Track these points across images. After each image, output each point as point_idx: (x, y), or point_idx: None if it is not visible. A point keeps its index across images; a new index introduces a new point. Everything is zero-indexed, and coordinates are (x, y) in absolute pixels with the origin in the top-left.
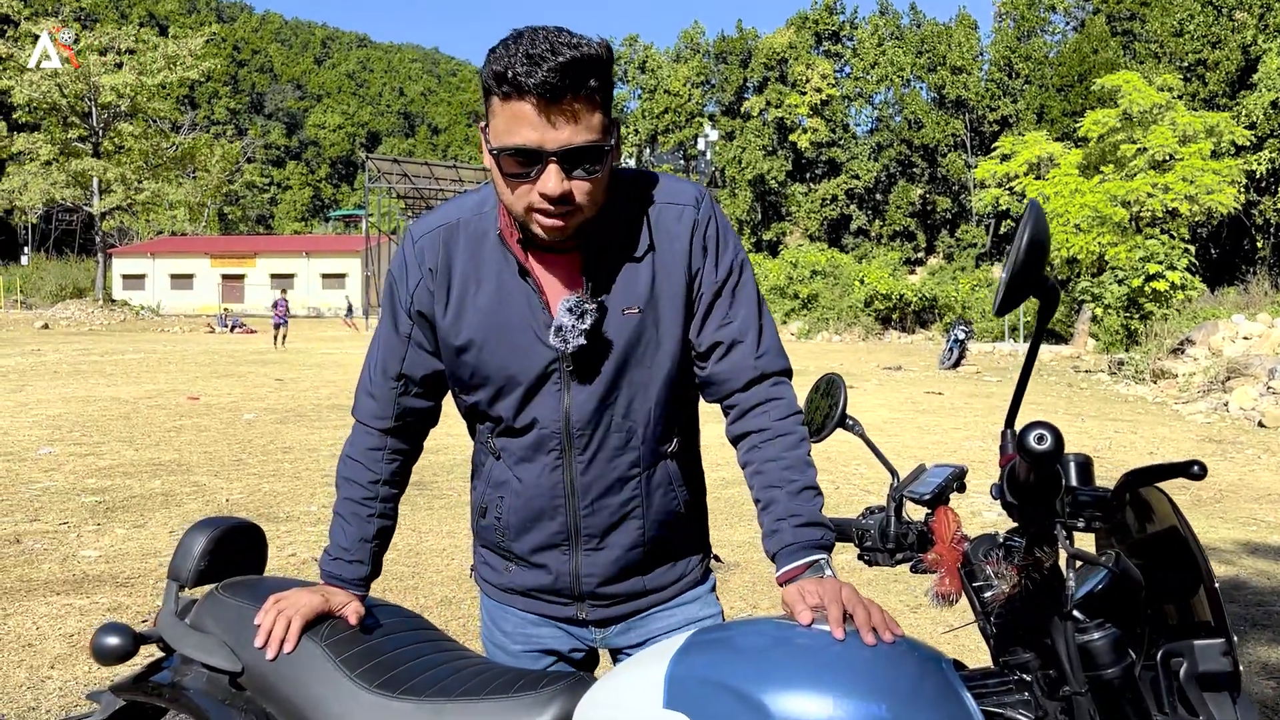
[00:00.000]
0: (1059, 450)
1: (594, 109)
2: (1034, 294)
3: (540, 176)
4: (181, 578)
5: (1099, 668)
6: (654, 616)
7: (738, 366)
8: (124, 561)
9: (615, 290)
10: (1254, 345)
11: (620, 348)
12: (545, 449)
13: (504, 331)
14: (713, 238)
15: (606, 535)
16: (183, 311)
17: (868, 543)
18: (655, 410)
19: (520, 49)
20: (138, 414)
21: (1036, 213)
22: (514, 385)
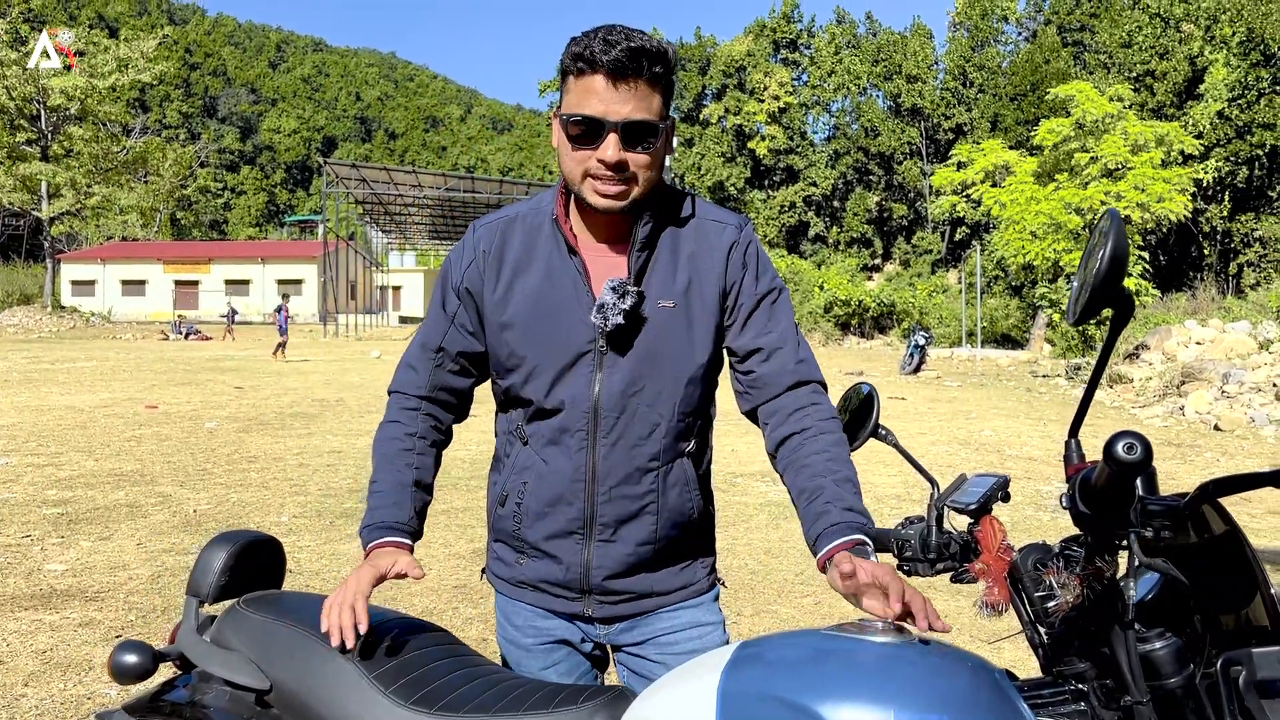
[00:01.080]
0: (1148, 460)
1: (654, 93)
2: (1111, 305)
3: (601, 144)
4: (202, 593)
5: (1161, 677)
6: (659, 615)
7: (780, 370)
8: (92, 575)
9: (654, 283)
10: (1207, 350)
11: (654, 337)
12: (573, 431)
13: (548, 311)
14: (753, 256)
15: (620, 527)
16: (134, 318)
17: (908, 553)
18: (679, 405)
19: (599, 35)
20: (95, 423)
21: (1118, 225)
22: (549, 364)
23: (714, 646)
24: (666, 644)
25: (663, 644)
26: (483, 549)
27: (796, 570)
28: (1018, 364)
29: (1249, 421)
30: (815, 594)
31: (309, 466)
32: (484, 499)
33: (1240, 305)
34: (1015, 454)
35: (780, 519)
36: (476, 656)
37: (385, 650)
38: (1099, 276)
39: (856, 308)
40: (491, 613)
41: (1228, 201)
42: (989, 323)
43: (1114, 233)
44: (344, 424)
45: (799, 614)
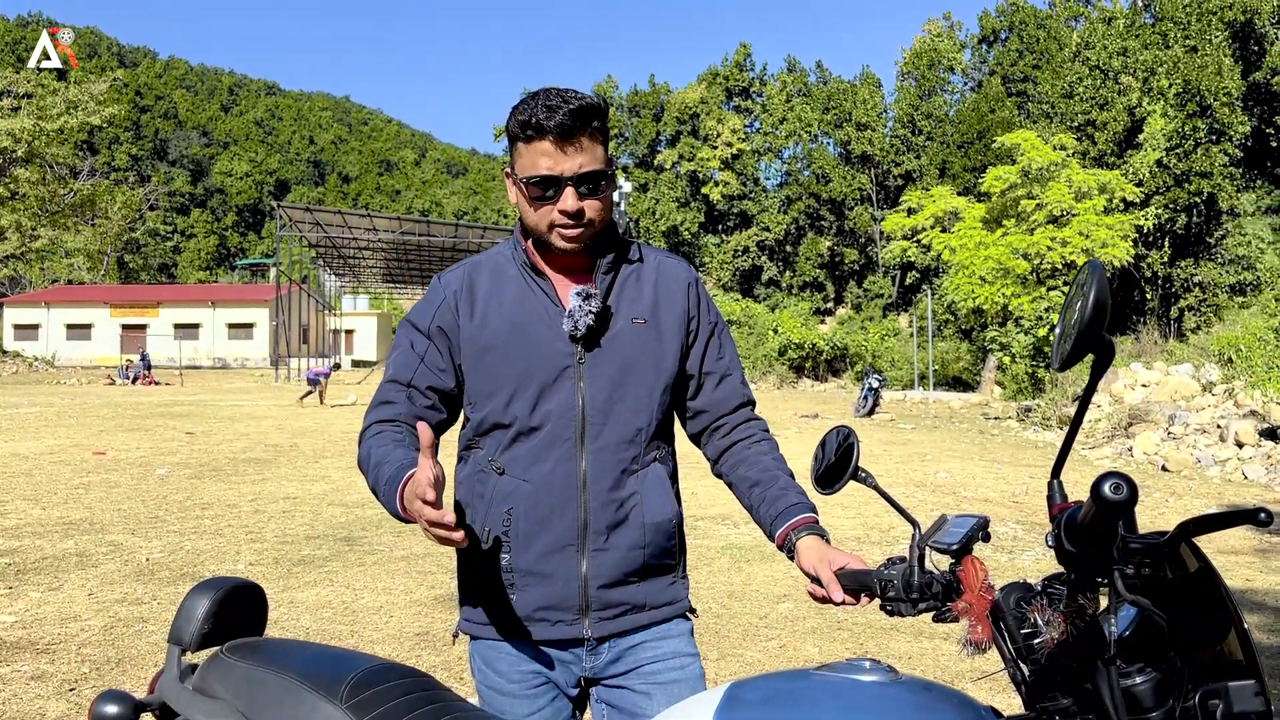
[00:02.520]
0: (1134, 499)
1: (596, 143)
2: (1093, 350)
3: (560, 197)
4: (185, 641)
5: (1143, 711)
6: (643, 647)
7: (731, 392)
8: (42, 627)
9: (624, 303)
10: (1152, 393)
11: (628, 349)
12: (560, 442)
13: (524, 329)
14: (704, 296)
15: (611, 534)
16: (80, 363)
17: (890, 593)
18: (655, 411)
19: (539, 102)
20: (40, 470)
21: (1099, 272)
22: (532, 381)
23: (694, 678)
24: (650, 674)
25: (646, 674)
26: (444, 596)
27: (760, 614)
28: (969, 406)
29: (1195, 462)
30: (780, 637)
31: (264, 513)
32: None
33: (1183, 348)
34: (970, 495)
35: (742, 562)
36: (462, 702)
37: (373, 698)
38: (1082, 323)
39: (810, 351)
40: (455, 661)
41: (1168, 247)
42: (940, 365)
43: (1095, 281)
44: (298, 469)
45: (764, 657)
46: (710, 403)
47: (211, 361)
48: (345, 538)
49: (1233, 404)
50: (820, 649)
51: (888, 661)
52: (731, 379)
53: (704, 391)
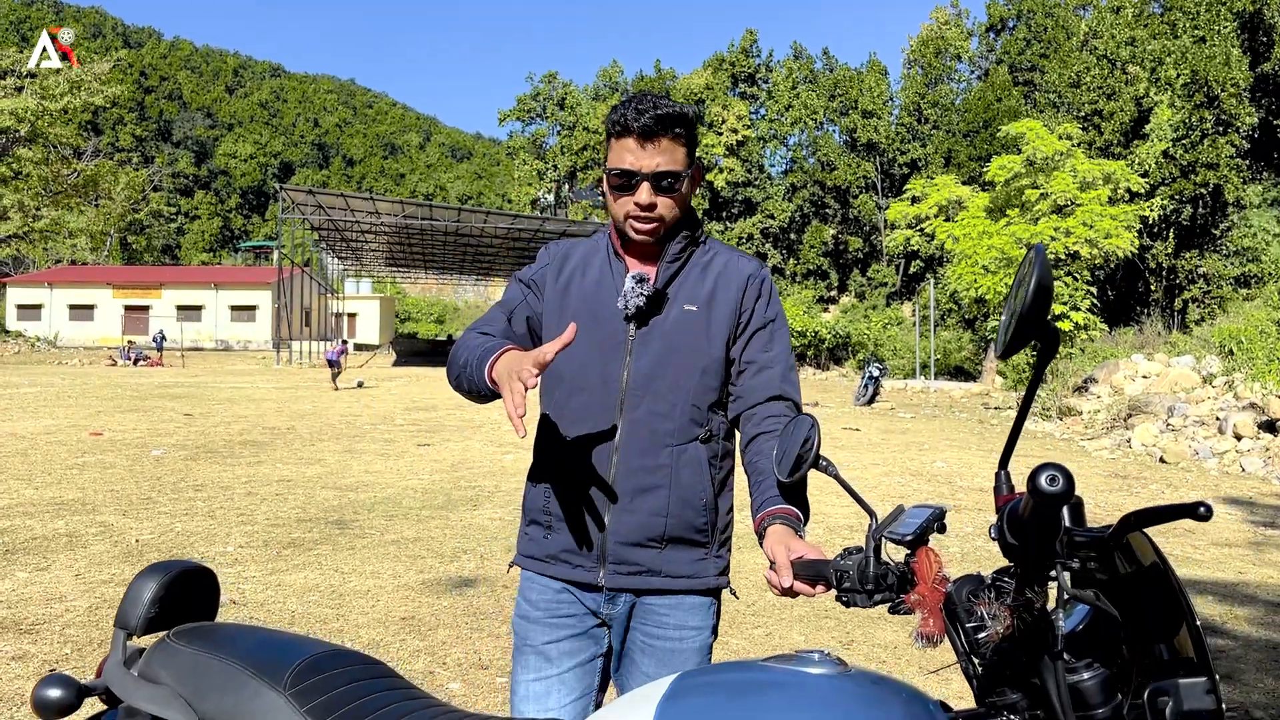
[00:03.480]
0: (1070, 491)
1: (678, 147)
2: (1037, 337)
3: (636, 190)
4: (130, 625)
5: (1089, 708)
6: (654, 610)
7: (766, 384)
8: (27, 607)
9: (682, 292)
10: (1153, 384)
11: (675, 333)
12: (603, 407)
13: (595, 300)
14: (767, 291)
15: (637, 497)
16: (82, 343)
17: (846, 584)
18: (693, 392)
19: (632, 104)
20: (36, 450)
21: (1042, 257)
22: (592, 345)
23: (692, 650)
24: (651, 635)
25: (648, 634)
26: (432, 580)
27: (748, 601)
28: (970, 396)
29: (1193, 455)
30: (766, 625)
31: (257, 495)
32: (435, 530)
33: (1185, 340)
34: (966, 485)
35: (734, 549)
36: (412, 688)
37: (317, 684)
38: (1025, 308)
39: (812, 339)
40: (438, 646)
41: (1172, 238)
42: (942, 355)
43: (1039, 266)
44: (294, 452)
45: (750, 645)
46: (746, 390)
47: (214, 343)
48: (337, 521)
49: (1233, 396)
50: (806, 637)
51: (838, 654)
52: (772, 371)
53: (743, 378)
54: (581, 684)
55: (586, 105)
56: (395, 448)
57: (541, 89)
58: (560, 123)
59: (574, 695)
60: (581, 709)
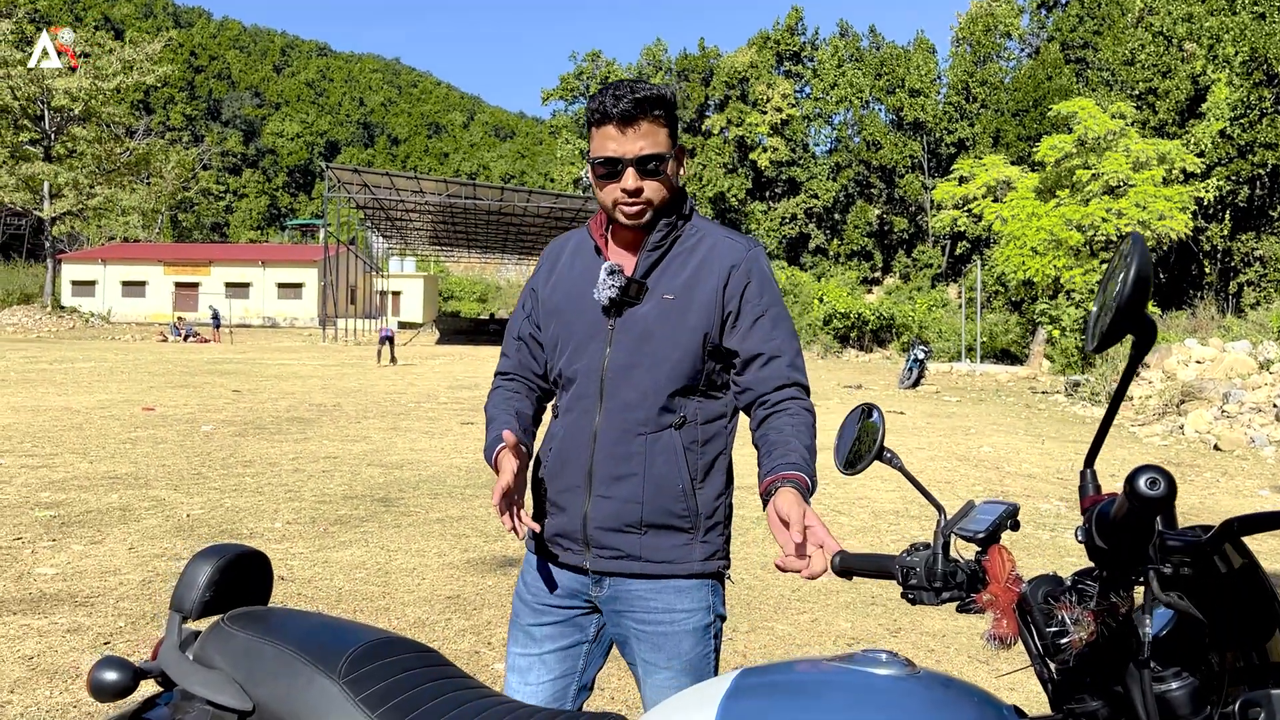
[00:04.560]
0: (1171, 496)
1: (659, 129)
2: (1133, 331)
3: (622, 177)
4: (185, 609)
5: (1177, 718)
6: (639, 594)
7: (775, 374)
8: (82, 580)
9: (662, 280)
10: (1207, 370)
11: (652, 321)
12: (585, 396)
13: (579, 296)
14: (758, 275)
15: (613, 484)
16: (134, 319)
17: (912, 581)
18: (667, 380)
19: (609, 92)
20: (91, 425)
21: (1140, 246)
22: (574, 339)
23: (682, 632)
24: (639, 619)
25: (636, 618)
26: (477, 559)
27: (793, 586)
28: (1017, 380)
29: (1249, 442)
30: (812, 611)
31: (304, 472)
32: (479, 509)
33: (1240, 324)
34: (1014, 471)
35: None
36: (467, 678)
37: (372, 673)
38: (1121, 300)
39: (856, 320)
40: (483, 626)
41: (1228, 220)
42: (988, 338)
43: (1138, 255)
44: (340, 429)
45: (795, 631)
46: (755, 381)
47: (261, 320)
48: (382, 499)
49: None
50: (852, 624)
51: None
52: (779, 360)
53: (750, 370)
54: (561, 666)
55: None
56: (439, 426)
57: (585, 68)
58: None
59: (553, 675)
60: (560, 688)
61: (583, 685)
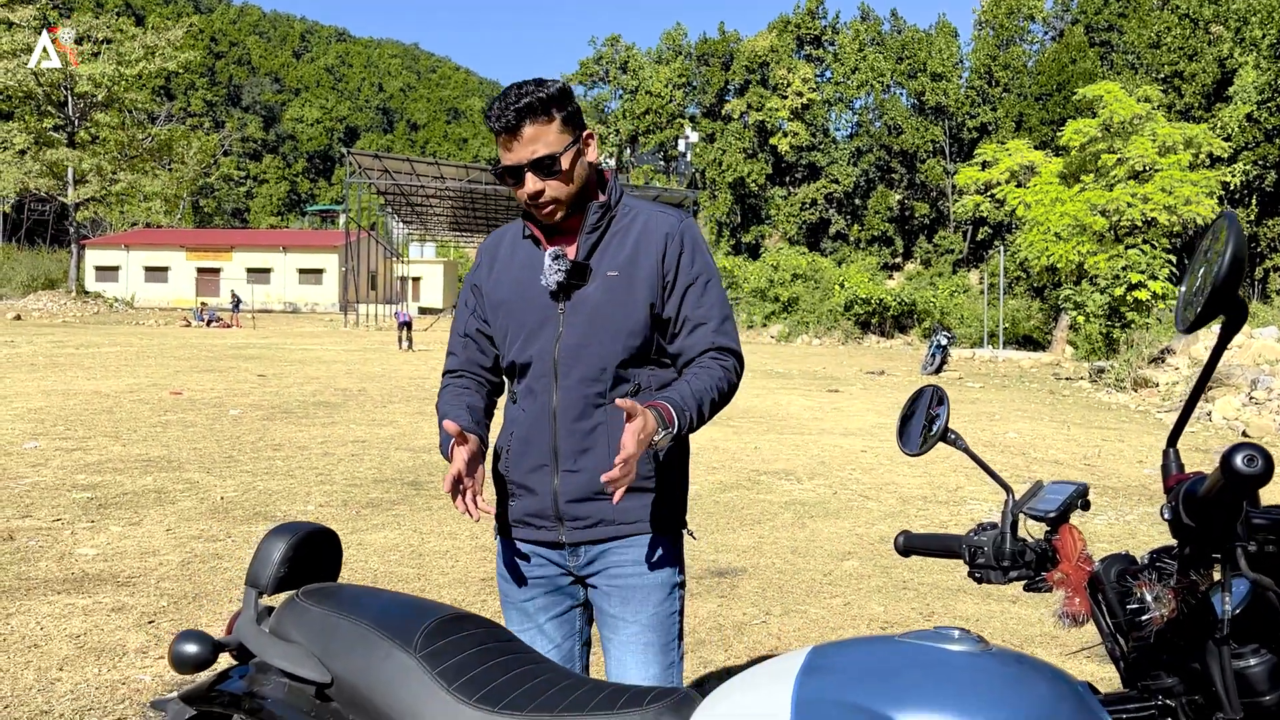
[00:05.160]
0: (1269, 474)
1: (548, 128)
2: (1225, 311)
3: (522, 182)
4: (261, 584)
5: (1256, 694)
6: (612, 553)
7: (700, 341)
8: (123, 560)
9: (604, 259)
10: (1234, 356)
11: (600, 300)
12: (541, 378)
13: (524, 286)
14: (689, 244)
15: (579, 458)
16: (157, 304)
17: (980, 560)
18: (620, 354)
19: (496, 103)
20: (121, 408)
21: (1236, 225)
22: (525, 327)
23: (653, 585)
24: (613, 576)
25: (610, 575)
26: None
27: (825, 570)
28: (1040, 366)
29: (1278, 429)
30: (844, 595)
31: (333, 455)
32: None
33: (1266, 310)
34: (1040, 457)
35: (806, 518)
36: (535, 654)
37: (446, 647)
38: (1218, 281)
39: (877, 306)
40: None
41: (1254, 205)
42: (1010, 324)
43: (1234, 235)
44: (367, 414)
45: (828, 614)
46: (683, 347)
47: (282, 305)
48: (412, 482)
49: None
50: (885, 608)
51: (976, 631)
52: (706, 327)
53: (679, 338)
54: (560, 632)
55: (650, 69)
56: None
57: (604, 52)
58: (623, 86)
59: (554, 643)
60: (565, 652)
61: (584, 642)
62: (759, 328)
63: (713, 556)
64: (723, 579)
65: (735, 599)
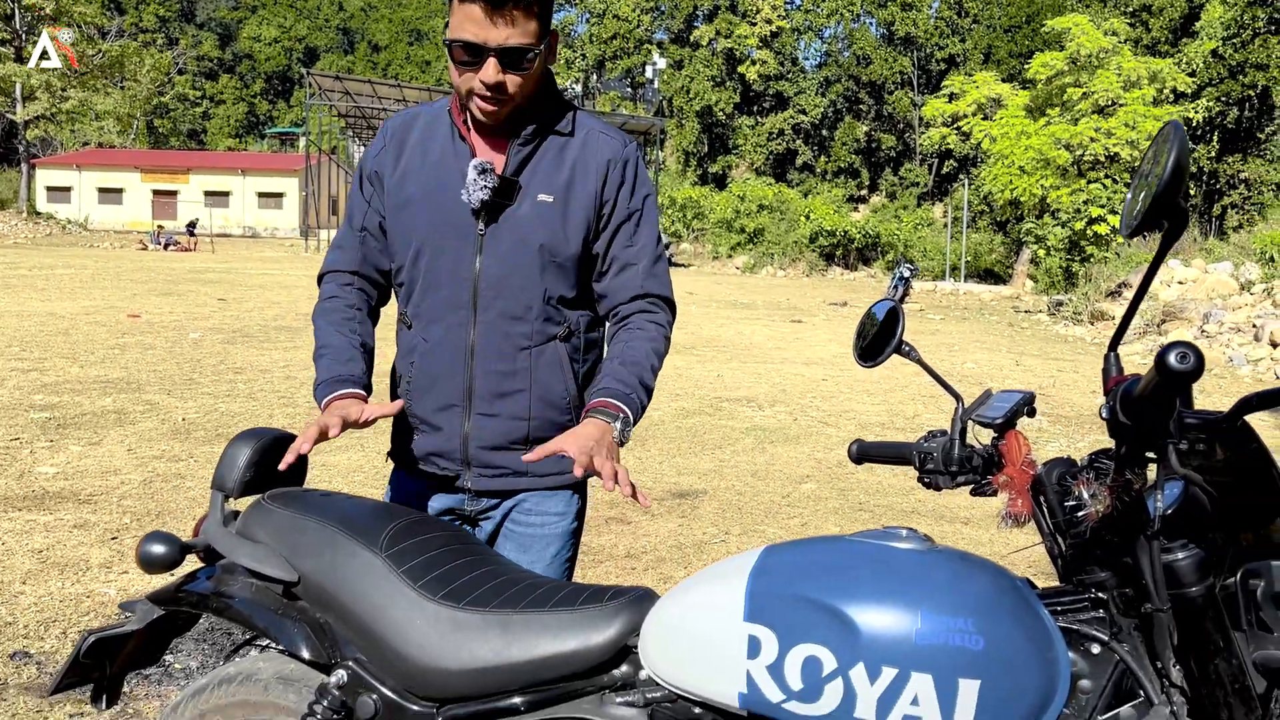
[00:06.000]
0: (1200, 370)
1: (531, 18)
2: (1167, 217)
3: (481, 67)
4: (227, 487)
5: (1182, 586)
6: (519, 503)
7: (627, 284)
8: (84, 479)
9: (536, 179)
10: (1189, 290)
11: (529, 227)
12: (453, 309)
13: (439, 191)
14: (631, 173)
15: (496, 401)
16: (112, 227)
17: (929, 465)
18: (550, 290)
19: None
20: (77, 330)
21: (1181, 134)
22: (436, 241)
23: (554, 535)
24: (516, 523)
25: (514, 521)
26: None
27: (783, 493)
28: (1000, 299)
29: (1227, 361)
30: (802, 516)
31: (295, 379)
32: None
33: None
34: (997, 387)
35: (766, 443)
36: (498, 556)
37: (411, 548)
38: (1160, 187)
39: (842, 239)
40: None
41: (1216, 142)
42: (973, 257)
43: (1177, 143)
44: None
45: (785, 534)
46: (609, 289)
47: (241, 230)
48: None
49: (1270, 304)
50: (841, 528)
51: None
52: (635, 269)
53: (606, 278)
54: None
55: None
56: None
57: None
58: (590, 10)
59: None
60: None
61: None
62: (724, 259)
63: (674, 479)
64: (684, 500)
65: (695, 519)
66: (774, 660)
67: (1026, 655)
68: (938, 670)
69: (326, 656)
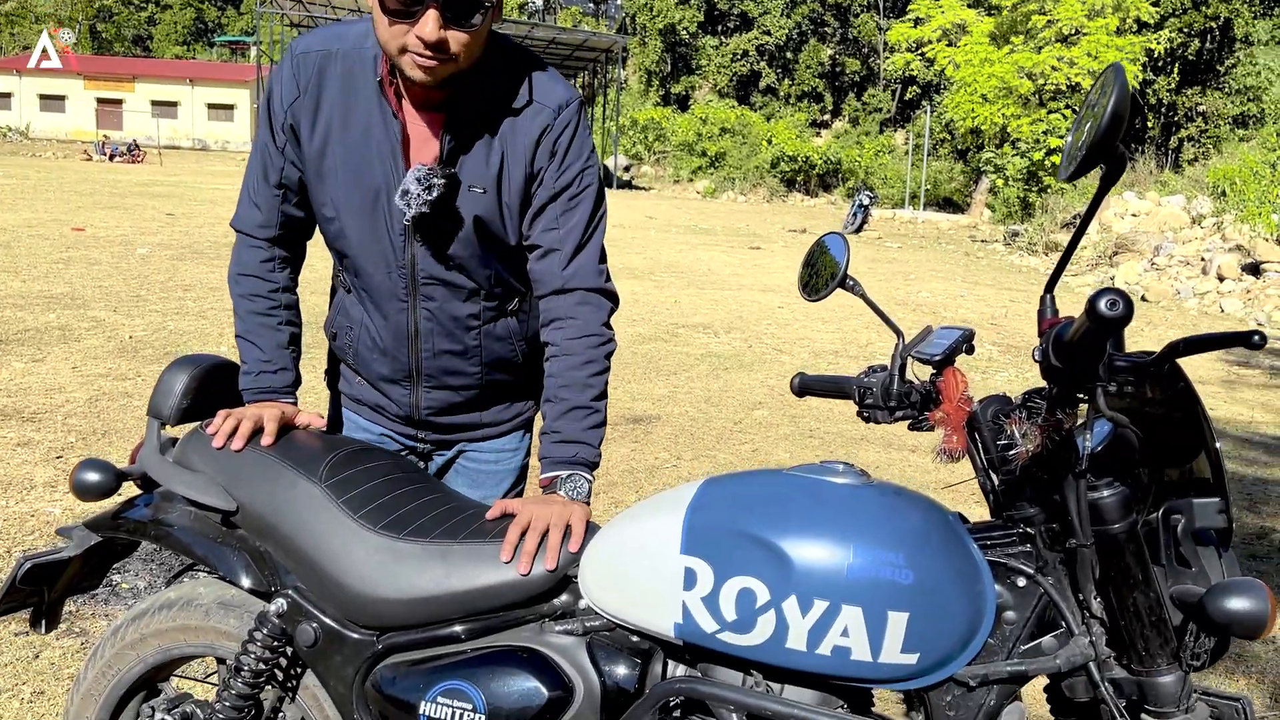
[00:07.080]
0: (1129, 316)
1: None
2: (1105, 161)
3: (420, 20)
4: (164, 415)
5: (1106, 523)
6: (471, 444)
7: (547, 273)
8: (27, 396)
9: (468, 166)
10: (1142, 223)
11: (466, 220)
12: (390, 296)
13: (364, 168)
14: (563, 145)
15: (444, 376)
16: (54, 136)
17: (868, 400)
18: (494, 278)
19: None
20: (19, 243)
21: (1121, 79)
22: (363, 228)
23: (505, 472)
24: (468, 460)
25: (466, 459)
26: None
27: (735, 419)
28: (958, 228)
29: (1174, 294)
30: (753, 442)
31: None
32: None
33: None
34: (950, 315)
35: (720, 370)
36: (441, 485)
37: (352, 477)
38: (1099, 132)
39: (803, 164)
40: None
41: (1176, 74)
42: (932, 185)
43: (1117, 88)
44: None
45: (737, 459)
46: (534, 276)
47: (190, 142)
48: None
49: (1220, 238)
50: (791, 454)
51: (875, 475)
52: (556, 256)
53: (530, 262)
54: None
55: None
56: None
57: None
58: None
59: None
60: None
61: None
62: (685, 183)
63: (629, 404)
64: (637, 425)
65: (648, 444)
66: (709, 592)
67: (954, 589)
68: (868, 603)
69: (266, 585)
